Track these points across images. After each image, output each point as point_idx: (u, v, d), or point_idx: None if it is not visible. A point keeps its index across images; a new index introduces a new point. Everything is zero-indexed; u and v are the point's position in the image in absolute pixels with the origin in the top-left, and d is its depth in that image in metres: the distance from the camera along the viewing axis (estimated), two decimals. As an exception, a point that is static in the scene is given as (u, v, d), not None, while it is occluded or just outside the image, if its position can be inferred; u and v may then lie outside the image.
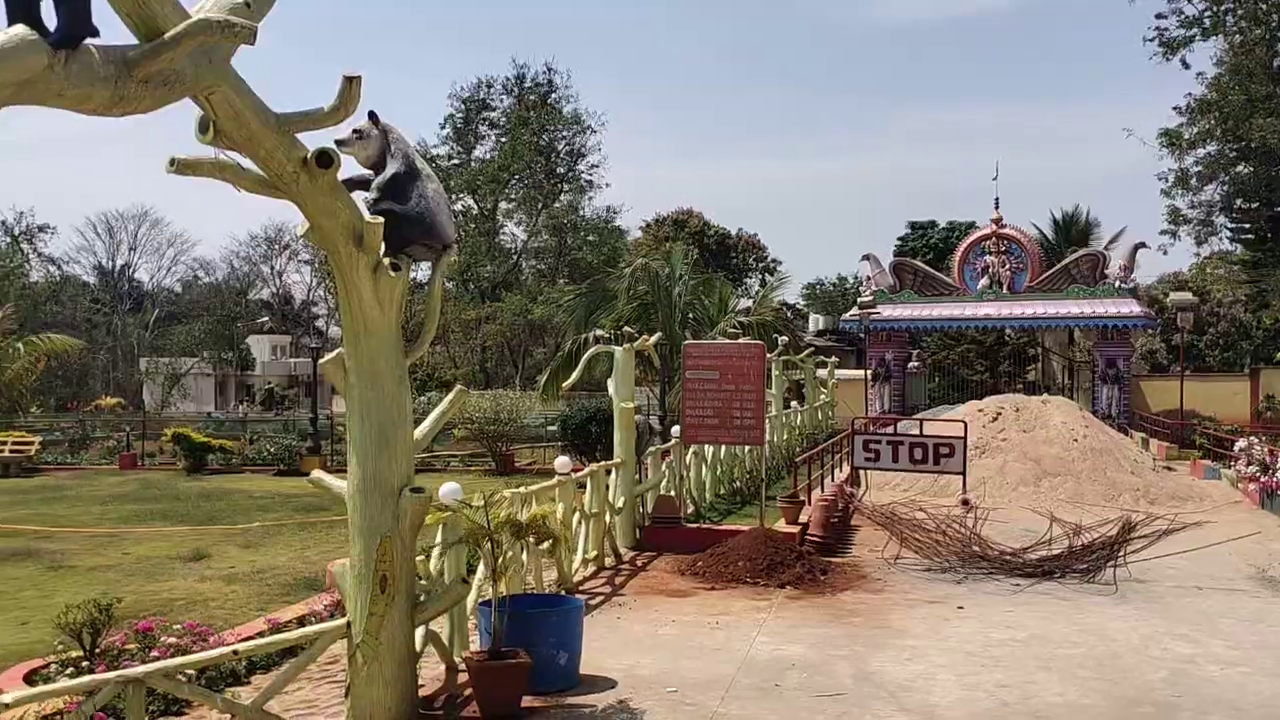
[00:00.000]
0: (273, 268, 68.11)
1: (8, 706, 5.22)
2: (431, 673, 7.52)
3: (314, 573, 12.80)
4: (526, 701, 7.00)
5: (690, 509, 14.64)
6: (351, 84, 5.51)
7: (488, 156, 59.69)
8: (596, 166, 60.35)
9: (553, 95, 59.90)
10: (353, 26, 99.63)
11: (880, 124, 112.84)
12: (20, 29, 3.81)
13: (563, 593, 9.88)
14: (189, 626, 8.20)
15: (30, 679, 7.75)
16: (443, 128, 60.11)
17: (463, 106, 59.92)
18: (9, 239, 62.90)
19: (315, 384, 34.72)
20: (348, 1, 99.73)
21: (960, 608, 10.12)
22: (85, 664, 7.66)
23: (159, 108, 4.62)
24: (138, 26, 4.51)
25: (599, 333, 15.39)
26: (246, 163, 5.56)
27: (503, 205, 60.33)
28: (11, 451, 28.38)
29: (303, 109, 5.64)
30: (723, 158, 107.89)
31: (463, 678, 7.31)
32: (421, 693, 6.90)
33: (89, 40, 4.11)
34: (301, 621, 8.73)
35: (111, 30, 4.35)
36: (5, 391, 38.03)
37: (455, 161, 58.40)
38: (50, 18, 4.01)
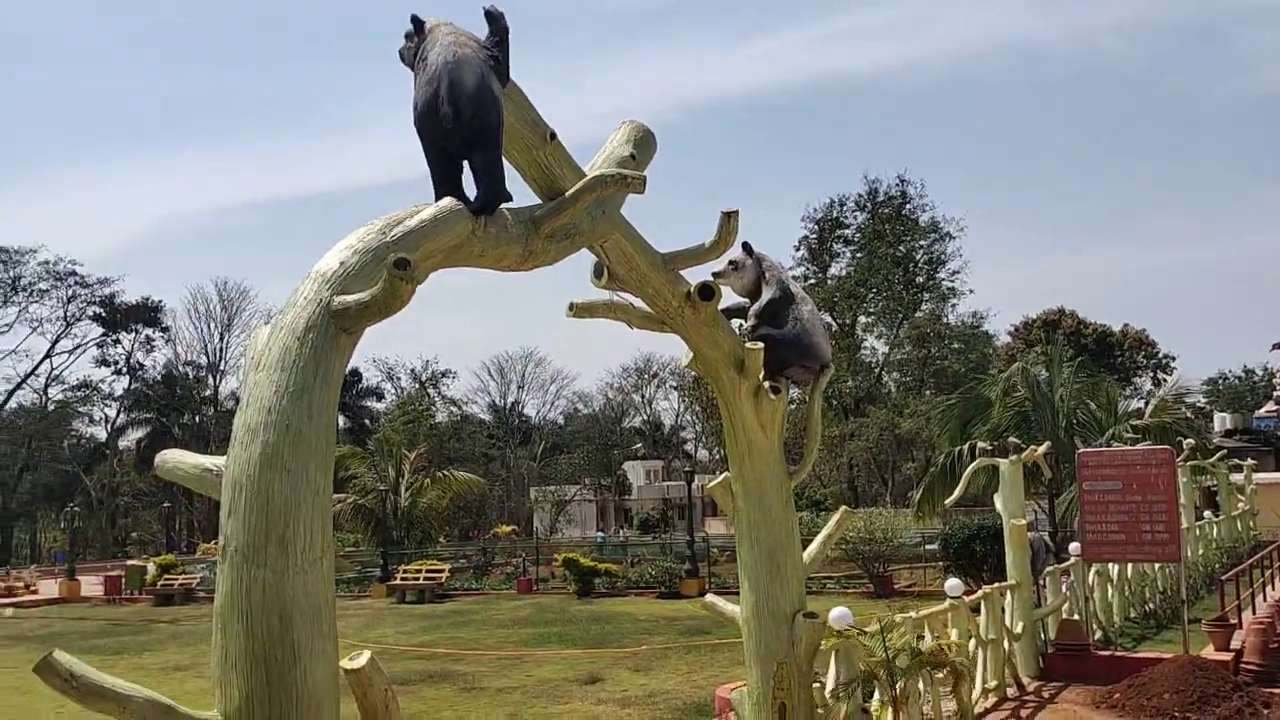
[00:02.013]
0: (643, 396, 71.65)
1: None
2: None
3: (702, 698, 12.90)
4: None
5: (1097, 634, 13.37)
6: (730, 219, 5.70)
7: (843, 273, 59.87)
8: (958, 273, 58.88)
9: (907, 206, 59.45)
10: (700, 162, 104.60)
11: (1271, 199, 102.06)
12: (449, 201, 4.24)
13: (964, 725, 9.25)
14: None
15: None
16: (797, 249, 61.25)
17: (815, 227, 60.84)
18: (418, 385, 70.78)
19: (689, 506, 35.67)
20: (698, 140, 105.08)
21: None
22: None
23: (561, 259, 4.96)
24: (541, 188, 4.92)
25: (982, 445, 14.64)
26: (636, 301, 5.86)
27: (861, 319, 60.09)
28: (425, 579, 31.24)
29: (685, 246, 5.88)
30: (1092, 250, 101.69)
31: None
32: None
33: (502, 205, 4.51)
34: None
35: (514, 191, 4.75)
36: (419, 524, 42.24)
37: (811, 281, 59.08)
38: (469, 187, 4.45)
